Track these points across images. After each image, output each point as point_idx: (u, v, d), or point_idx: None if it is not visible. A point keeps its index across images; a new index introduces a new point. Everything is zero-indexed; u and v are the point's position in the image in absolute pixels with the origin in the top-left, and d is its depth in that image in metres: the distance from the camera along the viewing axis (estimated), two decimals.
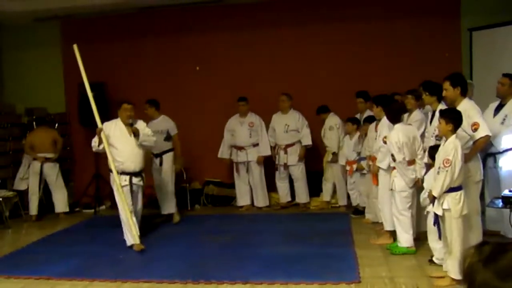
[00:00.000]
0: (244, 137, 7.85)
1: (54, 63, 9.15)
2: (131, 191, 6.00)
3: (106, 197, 8.74)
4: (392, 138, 5.20)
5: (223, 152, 8.06)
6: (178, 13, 8.62)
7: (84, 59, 8.90)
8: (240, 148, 7.88)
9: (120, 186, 5.86)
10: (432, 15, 7.93)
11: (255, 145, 7.86)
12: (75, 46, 5.58)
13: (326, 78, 8.12)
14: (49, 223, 7.76)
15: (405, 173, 5.17)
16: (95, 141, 6.00)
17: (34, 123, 8.71)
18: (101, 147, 5.93)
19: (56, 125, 8.63)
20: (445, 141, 4.36)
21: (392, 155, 5.22)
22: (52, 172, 8.00)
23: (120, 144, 5.99)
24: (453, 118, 4.32)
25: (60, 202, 8.08)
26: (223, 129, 8.00)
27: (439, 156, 4.36)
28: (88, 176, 8.70)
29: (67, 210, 8.15)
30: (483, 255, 1.34)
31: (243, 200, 8.05)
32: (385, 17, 8.08)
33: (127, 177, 5.97)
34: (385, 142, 5.51)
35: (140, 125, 6.16)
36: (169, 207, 7.21)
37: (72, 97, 8.87)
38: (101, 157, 8.81)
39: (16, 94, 9.09)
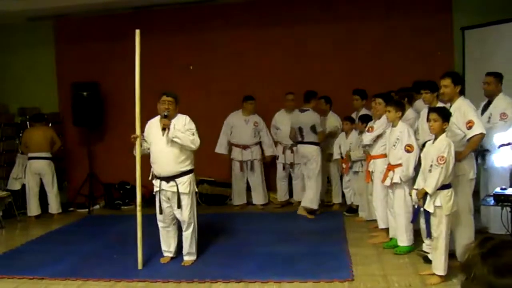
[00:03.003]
0: (249, 135, 7.87)
1: (47, 62, 9.14)
2: (167, 198, 5.25)
3: (100, 196, 8.75)
4: (408, 132, 5.18)
5: (222, 147, 8.00)
6: (171, 12, 8.62)
7: (77, 59, 8.97)
8: (245, 147, 7.89)
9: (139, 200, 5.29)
10: (424, 14, 7.95)
11: (257, 143, 7.92)
12: (137, 31, 5.31)
13: (321, 77, 8.11)
14: (43, 223, 7.75)
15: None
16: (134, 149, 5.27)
17: (27, 123, 8.69)
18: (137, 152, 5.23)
19: (50, 124, 8.60)
20: (435, 139, 4.39)
21: (408, 147, 5.13)
22: (48, 171, 7.97)
23: (152, 143, 5.25)
24: (447, 116, 4.37)
25: (54, 203, 8.06)
26: (217, 128, 7.96)
27: (429, 154, 4.39)
28: (82, 175, 8.70)
29: (60, 211, 8.14)
30: (484, 249, 1.33)
31: (240, 199, 8.07)
32: (378, 17, 8.10)
33: (158, 182, 5.22)
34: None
35: (180, 120, 5.25)
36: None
37: (65, 97, 8.87)
38: (95, 156, 8.87)
39: (9, 94, 9.06)
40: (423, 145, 4.84)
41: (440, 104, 5.04)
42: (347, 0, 8.26)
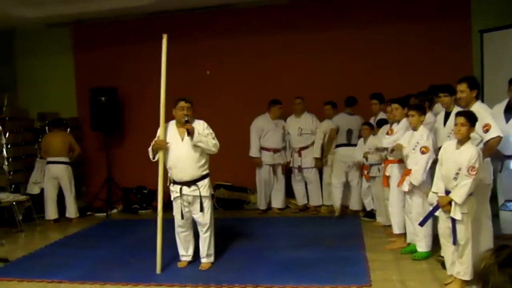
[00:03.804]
0: (280, 139, 7.92)
1: (66, 68, 9.27)
2: (187, 202, 5.26)
3: (117, 201, 8.82)
4: (427, 136, 5.13)
5: (256, 150, 7.93)
6: (188, 18, 8.67)
7: (96, 65, 9.06)
8: (275, 150, 7.91)
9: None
10: (442, 17, 7.89)
11: (284, 148, 8.01)
12: (164, 36, 5.37)
13: (337, 82, 8.10)
14: (61, 227, 7.82)
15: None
16: (150, 152, 5.27)
17: (46, 128, 8.79)
18: (156, 158, 5.24)
19: (68, 129, 8.69)
20: (459, 143, 4.30)
21: (423, 148, 5.06)
22: (66, 176, 8.04)
23: (170, 148, 5.22)
24: (475, 121, 4.30)
25: (72, 207, 8.13)
26: (233, 132, 7.91)
27: (454, 160, 4.27)
28: (100, 180, 8.78)
29: (78, 215, 8.21)
30: (500, 258, 1.33)
31: (265, 203, 8.06)
32: (396, 20, 8.05)
33: (178, 188, 5.22)
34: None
35: (199, 125, 5.27)
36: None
37: (83, 102, 8.96)
38: (113, 161, 8.93)
39: (29, 99, 9.20)
40: (439, 147, 4.78)
41: (456, 108, 5.00)
42: (364, 4, 8.23)
